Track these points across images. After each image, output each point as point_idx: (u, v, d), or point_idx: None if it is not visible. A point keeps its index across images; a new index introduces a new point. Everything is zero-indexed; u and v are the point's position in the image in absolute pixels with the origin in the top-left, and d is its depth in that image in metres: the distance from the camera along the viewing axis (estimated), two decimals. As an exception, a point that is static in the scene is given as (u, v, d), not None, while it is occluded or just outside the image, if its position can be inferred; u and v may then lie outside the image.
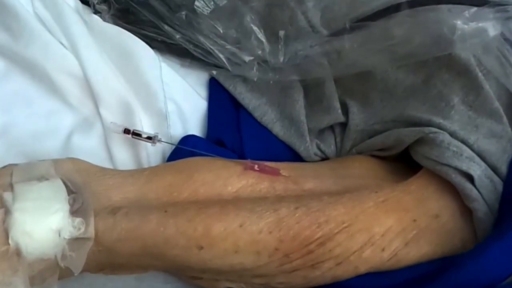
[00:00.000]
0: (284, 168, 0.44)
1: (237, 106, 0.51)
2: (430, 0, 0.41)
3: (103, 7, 0.53)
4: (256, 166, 0.43)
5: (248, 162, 0.44)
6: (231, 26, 0.50)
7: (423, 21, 0.42)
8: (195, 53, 0.51)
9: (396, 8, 0.43)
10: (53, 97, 0.50)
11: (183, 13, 0.50)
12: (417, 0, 0.42)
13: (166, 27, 0.50)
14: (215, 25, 0.50)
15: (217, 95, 0.52)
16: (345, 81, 0.48)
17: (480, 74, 0.42)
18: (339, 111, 0.48)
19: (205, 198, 0.41)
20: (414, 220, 0.40)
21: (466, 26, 0.39)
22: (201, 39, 0.49)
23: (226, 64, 0.50)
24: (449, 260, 0.40)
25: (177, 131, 0.50)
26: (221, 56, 0.49)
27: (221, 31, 0.50)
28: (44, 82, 0.50)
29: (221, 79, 0.52)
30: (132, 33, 0.51)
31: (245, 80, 0.51)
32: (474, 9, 0.39)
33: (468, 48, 0.41)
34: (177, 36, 0.50)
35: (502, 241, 0.37)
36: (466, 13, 0.39)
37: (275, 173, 0.43)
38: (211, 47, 0.49)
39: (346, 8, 0.46)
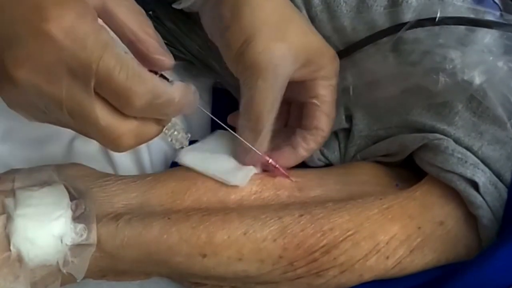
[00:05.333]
0: (290, 174, 0.44)
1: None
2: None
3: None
4: (270, 160, 0.43)
5: (264, 156, 0.43)
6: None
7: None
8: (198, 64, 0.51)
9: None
10: (55, 101, 0.50)
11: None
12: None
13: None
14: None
15: (221, 99, 0.52)
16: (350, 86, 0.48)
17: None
18: (343, 117, 0.47)
19: (208, 206, 0.41)
20: (419, 227, 0.40)
21: (448, 80, 0.40)
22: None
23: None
24: (454, 267, 0.40)
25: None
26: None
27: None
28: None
29: (224, 83, 0.52)
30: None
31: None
32: (458, 59, 0.40)
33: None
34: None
35: (507, 248, 0.37)
36: (450, 65, 0.40)
37: (285, 175, 0.43)
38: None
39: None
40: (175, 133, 0.38)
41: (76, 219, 0.38)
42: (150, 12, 0.53)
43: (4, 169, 0.42)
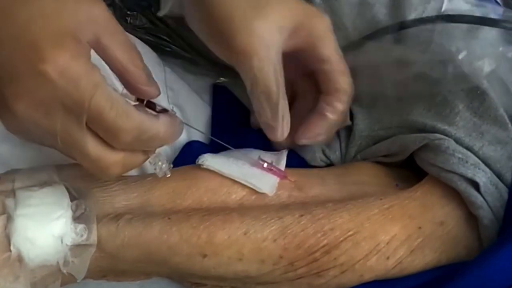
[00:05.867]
0: (290, 174, 0.43)
1: (241, 111, 0.51)
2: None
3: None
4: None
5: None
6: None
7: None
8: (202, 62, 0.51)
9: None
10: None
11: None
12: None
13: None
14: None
15: (221, 99, 0.52)
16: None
17: (484, 80, 0.42)
18: (347, 113, 0.47)
19: (208, 206, 0.41)
20: (419, 228, 0.40)
21: (456, 70, 0.40)
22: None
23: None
24: (454, 268, 0.40)
25: (181, 137, 0.50)
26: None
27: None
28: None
29: (227, 82, 0.52)
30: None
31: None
32: (464, 52, 0.40)
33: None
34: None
35: (508, 248, 0.37)
36: (460, 55, 0.40)
37: (282, 176, 0.43)
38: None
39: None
40: (159, 163, 0.40)
41: (76, 219, 0.38)
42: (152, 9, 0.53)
43: (4, 169, 0.42)
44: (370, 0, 0.44)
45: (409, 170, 0.46)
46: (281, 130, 0.42)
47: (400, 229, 0.40)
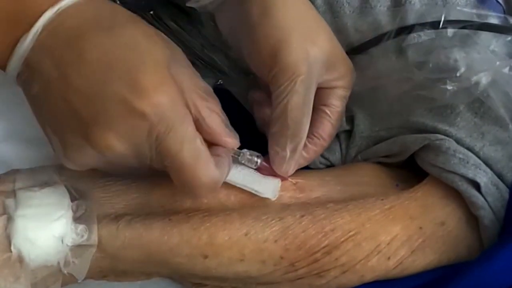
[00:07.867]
0: (290, 176, 0.43)
1: (241, 111, 0.51)
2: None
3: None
4: (267, 164, 0.42)
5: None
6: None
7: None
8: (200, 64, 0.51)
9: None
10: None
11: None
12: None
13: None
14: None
15: (222, 101, 0.52)
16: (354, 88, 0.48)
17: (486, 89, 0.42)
18: (344, 118, 0.47)
19: (208, 207, 0.41)
20: (420, 228, 0.40)
21: (455, 88, 0.40)
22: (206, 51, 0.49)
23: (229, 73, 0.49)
24: (455, 268, 0.40)
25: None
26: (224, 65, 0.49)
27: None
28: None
29: (226, 84, 0.52)
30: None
31: (250, 85, 0.50)
32: (463, 60, 0.40)
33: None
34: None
35: (508, 248, 0.37)
36: (458, 72, 0.40)
37: (283, 177, 0.43)
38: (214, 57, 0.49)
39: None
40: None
41: (77, 219, 0.38)
42: (151, 12, 0.53)
43: (5, 169, 0.42)
44: (371, 2, 0.44)
45: (409, 171, 0.46)
46: (289, 166, 0.41)
47: (401, 229, 0.40)
